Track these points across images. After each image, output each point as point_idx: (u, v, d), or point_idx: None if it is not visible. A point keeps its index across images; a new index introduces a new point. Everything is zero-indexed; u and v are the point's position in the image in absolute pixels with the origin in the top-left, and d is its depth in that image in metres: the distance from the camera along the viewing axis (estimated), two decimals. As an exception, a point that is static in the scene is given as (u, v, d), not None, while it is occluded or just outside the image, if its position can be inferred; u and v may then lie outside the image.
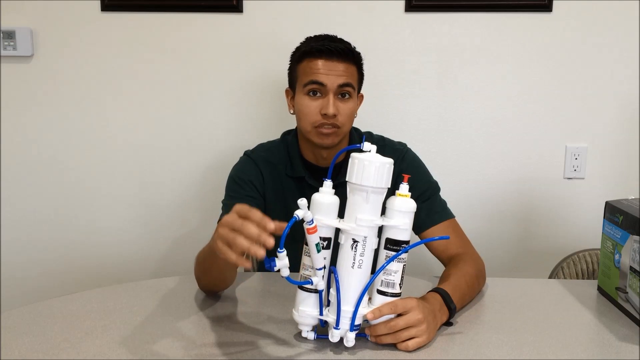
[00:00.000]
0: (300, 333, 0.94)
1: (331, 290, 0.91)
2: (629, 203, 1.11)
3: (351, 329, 0.90)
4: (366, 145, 0.89)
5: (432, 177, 1.34)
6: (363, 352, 0.91)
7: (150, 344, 0.93)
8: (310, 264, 0.89)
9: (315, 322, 0.93)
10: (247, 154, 1.35)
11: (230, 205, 1.26)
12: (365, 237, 0.88)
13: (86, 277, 1.87)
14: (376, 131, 1.38)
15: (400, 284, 0.92)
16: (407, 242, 0.91)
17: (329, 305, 0.92)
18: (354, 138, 1.34)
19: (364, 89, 1.33)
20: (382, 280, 0.92)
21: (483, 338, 0.97)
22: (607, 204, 1.15)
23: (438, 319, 0.97)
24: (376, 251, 0.92)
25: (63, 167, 1.82)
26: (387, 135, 1.38)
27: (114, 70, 1.77)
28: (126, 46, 1.76)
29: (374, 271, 0.91)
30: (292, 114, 1.31)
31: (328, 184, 0.90)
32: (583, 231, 1.81)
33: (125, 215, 1.85)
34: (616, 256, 1.10)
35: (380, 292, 0.92)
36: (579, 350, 0.93)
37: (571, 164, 1.79)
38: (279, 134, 1.40)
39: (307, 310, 0.91)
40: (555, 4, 1.71)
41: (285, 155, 1.33)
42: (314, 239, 0.84)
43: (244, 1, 1.72)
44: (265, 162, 1.32)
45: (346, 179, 0.89)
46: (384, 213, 0.91)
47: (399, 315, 0.91)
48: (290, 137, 1.35)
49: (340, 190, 0.92)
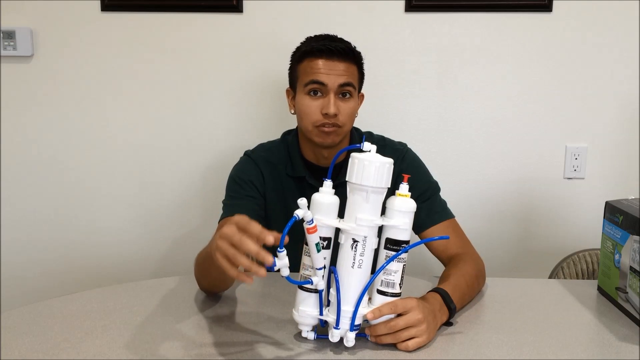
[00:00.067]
0: (300, 333, 0.94)
1: (331, 290, 0.91)
2: (629, 203, 1.11)
3: (351, 329, 0.90)
4: (366, 145, 0.89)
5: (432, 177, 1.34)
6: (363, 352, 0.91)
7: (150, 344, 0.93)
8: (310, 263, 0.89)
9: (315, 322, 0.93)
10: (248, 154, 1.35)
11: (231, 206, 1.28)
12: (365, 237, 0.88)
13: (86, 277, 1.87)
14: (376, 131, 1.38)
15: (400, 284, 0.92)
16: (407, 242, 0.91)
17: (329, 305, 0.92)
18: (355, 138, 1.34)
19: (364, 89, 1.33)
20: (382, 280, 0.92)
21: (483, 338, 0.97)
22: (607, 204, 1.15)
23: (438, 319, 0.97)
24: (376, 251, 0.92)
25: (63, 167, 1.82)
26: (387, 135, 1.38)
27: (114, 70, 1.77)
28: (126, 46, 1.76)
29: (374, 271, 0.91)
30: (293, 114, 1.31)
31: (328, 184, 0.90)
32: (583, 231, 1.81)
33: (125, 215, 1.85)
34: (616, 256, 1.10)
35: (380, 292, 0.92)
36: (579, 350, 0.93)
37: (571, 164, 1.79)
38: (279, 134, 1.40)
39: (307, 310, 0.91)
40: (555, 4, 1.71)
41: (285, 155, 1.33)
42: (313, 238, 0.84)
43: (244, 1, 1.72)
44: (265, 162, 1.32)
45: (346, 179, 0.89)
46: (384, 213, 0.91)
47: (399, 315, 0.91)
48: (290, 137, 1.35)
49: (341, 190, 0.92)
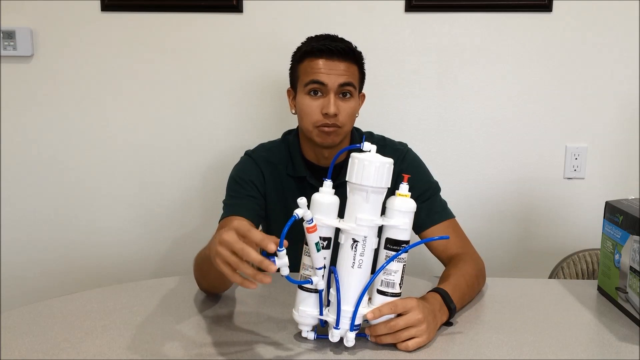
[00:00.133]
0: (300, 333, 0.94)
1: (331, 290, 0.91)
2: (629, 203, 1.11)
3: (351, 329, 0.90)
4: (366, 145, 0.89)
5: (433, 178, 1.34)
6: (363, 352, 0.91)
7: (150, 344, 0.93)
8: (310, 263, 0.89)
9: (315, 322, 0.93)
10: (248, 153, 1.35)
11: (231, 205, 1.28)
12: (365, 237, 0.88)
13: (86, 277, 1.87)
14: (376, 131, 1.38)
15: (400, 284, 0.92)
16: (407, 242, 0.91)
17: (329, 305, 0.92)
18: (356, 138, 1.34)
19: (365, 89, 1.33)
20: (382, 280, 0.92)
21: (483, 338, 0.97)
22: (607, 204, 1.14)
23: (438, 319, 0.97)
24: (376, 251, 0.92)
25: (63, 167, 1.82)
26: (387, 135, 1.38)
27: (114, 70, 1.77)
28: (126, 46, 1.76)
29: (374, 271, 0.91)
30: (294, 114, 1.31)
31: (328, 184, 0.90)
32: (583, 231, 1.81)
33: (125, 215, 1.85)
34: (616, 256, 1.10)
35: (380, 292, 0.92)
36: (579, 350, 0.93)
37: (571, 164, 1.79)
38: (279, 134, 1.40)
39: (307, 310, 0.91)
40: (555, 4, 1.71)
41: (286, 155, 1.33)
42: (313, 238, 0.84)
43: (244, 1, 1.72)
44: (266, 162, 1.32)
45: (346, 179, 0.89)
46: (384, 213, 0.91)
47: (399, 315, 0.91)
48: (291, 137, 1.35)
49: (341, 190, 0.92)
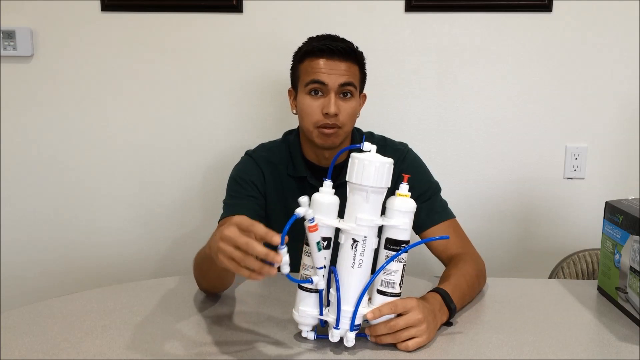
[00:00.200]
0: (300, 333, 0.94)
1: (331, 290, 0.91)
2: (629, 203, 1.11)
3: (351, 329, 0.90)
4: (366, 145, 0.89)
5: (433, 178, 1.34)
6: (363, 352, 0.91)
7: (150, 344, 0.93)
8: (310, 263, 0.89)
9: (315, 322, 0.93)
10: (249, 153, 1.35)
11: (232, 205, 1.28)
12: (365, 237, 0.88)
13: (86, 277, 1.87)
14: (376, 131, 1.38)
15: (400, 284, 0.92)
16: (407, 242, 0.91)
17: (329, 305, 0.92)
18: (356, 138, 1.34)
19: (365, 89, 1.33)
20: (382, 280, 0.92)
21: (483, 338, 0.97)
22: (607, 204, 1.14)
23: (438, 319, 0.97)
24: (376, 251, 0.92)
25: (63, 167, 1.82)
26: (387, 135, 1.38)
27: (114, 70, 1.77)
28: (126, 46, 1.76)
29: (374, 271, 0.91)
30: (295, 114, 1.31)
31: (328, 184, 0.90)
32: (583, 231, 1.81)
33: (125, 215, 1.85)
34: (616, 256, 1.10)
35: (380, 292, 0.92)
36: (579, 350, 0.93)
37: (571, 164, 1.79)
38: (279, 134, 1.40)
39: (307, 310, 0.91)
40: (555, 4, 1.71)
41: (286, 155, 1.33)
42: (314, 237, 0.84)
43: (244, 1, 1.72)
44: (266, 162, 1.32)
45: (346, 179, 0.89)
46: (384, 213, 0.91)
47: (399, 315, 0.91)
48: (292, 137, 1.35)
49: (342, 190, 0.92)
